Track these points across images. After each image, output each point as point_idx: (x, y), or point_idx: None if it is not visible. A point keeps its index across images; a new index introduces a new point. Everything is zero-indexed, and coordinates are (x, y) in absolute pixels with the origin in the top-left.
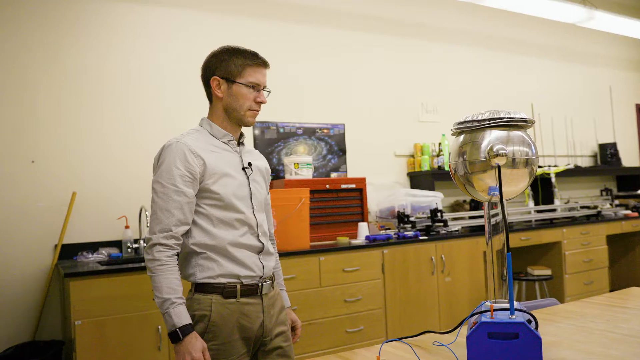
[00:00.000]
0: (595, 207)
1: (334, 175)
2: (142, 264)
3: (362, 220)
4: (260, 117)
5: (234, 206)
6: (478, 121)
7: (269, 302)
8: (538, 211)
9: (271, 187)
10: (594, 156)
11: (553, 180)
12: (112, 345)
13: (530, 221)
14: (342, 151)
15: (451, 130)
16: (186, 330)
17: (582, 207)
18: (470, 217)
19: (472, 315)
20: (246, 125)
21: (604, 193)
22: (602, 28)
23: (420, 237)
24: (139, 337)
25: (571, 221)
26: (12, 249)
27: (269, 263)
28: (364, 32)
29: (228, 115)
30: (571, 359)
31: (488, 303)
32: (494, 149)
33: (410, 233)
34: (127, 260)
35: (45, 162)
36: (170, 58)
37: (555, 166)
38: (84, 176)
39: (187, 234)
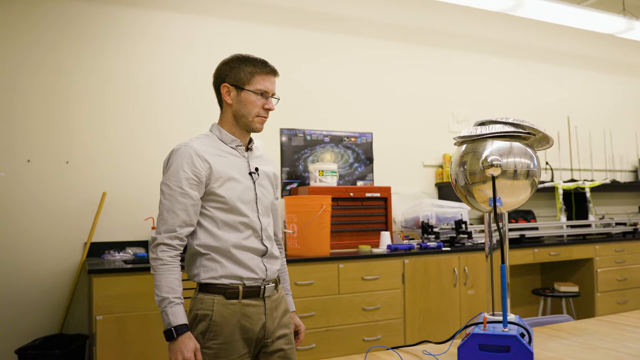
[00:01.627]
0: (633, 224)
1: (360, 183)
2: None
3: (386, 230)
4: (287, 124)
5: (239, 209)
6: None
7: (272, 304)
8: (570, 226)
9: (295, 193)
10: (635, 171)
11: (588, 195)
12: (131, 341)
13: (562, 236)
14: (369, 160)
15: (454, 140)
16: (180, 329)
17: (618, 224)
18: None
19: (467, 326)
20: (254, 131)
21: None
22: None
23: (443, 248)
24: (158, 334)
25: (605, 237)
26: (44, 245)
27: (273, 266)
28: (396, 41)
29: (237, 121)
30: None
31: (484, 315)
32: (489, 160)
33: (433, 244)
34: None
35: (78, 163)
36: (196, 62)
37: (591, 180)
38: (114, 177)
39: (192, 235)
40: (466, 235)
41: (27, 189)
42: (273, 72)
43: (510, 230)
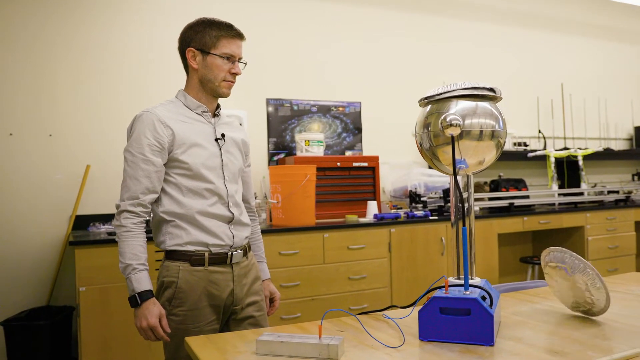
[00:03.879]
0: (627, 193)
1: (348, 153)
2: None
3: (374, 199)
4: (274, 94)
5: (203, 176)
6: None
7: (241, 271)
8: (562, 194)
9: (282, 164)
10: (630, 139)
11: (580, 163)
12: (115, 312)
13: (553, 205)
14: (358, 130)
15: (419, 101)
16: (144, 295)
17: (610, 192)
18: (490, 199)
19: (429, 290)
20: (221, 96)
21: (635, 178)
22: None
23: (431, 217)
24: None
25: (597, 206)
26: (29, 219)
27: (241, 233)
28: (383, 8)
29: (203, 87)
30: (527, 338)
31: (447, 278)
32: (447, 120)
33: (420, 213)
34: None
35: (62, 136)
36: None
37: (585, 149)
38: (98, 150)
39: (157, 202)
40: None
41: (11, 163)
42: (239, 35)
43: (499, 198)
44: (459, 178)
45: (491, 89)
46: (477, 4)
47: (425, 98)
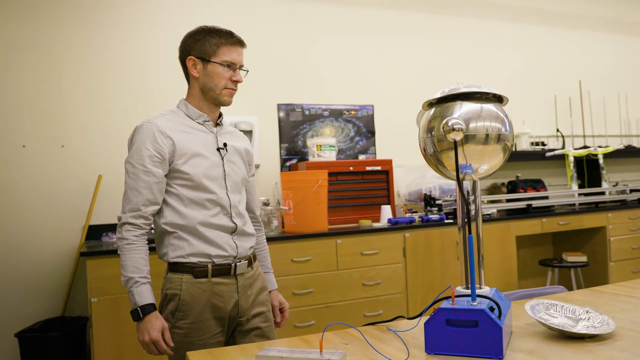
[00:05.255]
0: None
1: (362, 157)
2: None
3: (388, 204)
4: (285, 99)
5: (205, 186)
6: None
7: (246, 282)
8: (582, 194)
9: (295, 169)
10: None
11: (601, 161)
12: (127, 322)
13: (573, 205)
14: (371, 133)
15: (422, 105)
16: (147, 309)
17: (633, 190)
18: (508, 200)
19: (436, 301)
20: (223, 104)
21: None
22: None
23: (446, 221)
24: None
25: (619, 205)
26: (43, 229)
27: (245, 243)
28: (395, 9)
29: (204, 95)
30: (540, 350)
31: (454, 288)
32: (449, 124)
33: (435, 216)
34: (149, 241)
35: (74, 146)
36: None
37: (605, 147)
38: (109, 159)
39: (159, 213)
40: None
41: (24, 174)
42: (240, 43)
43: (517, 200)
44: (466, 183)
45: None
46: (490, 2)
47: (428, 101)
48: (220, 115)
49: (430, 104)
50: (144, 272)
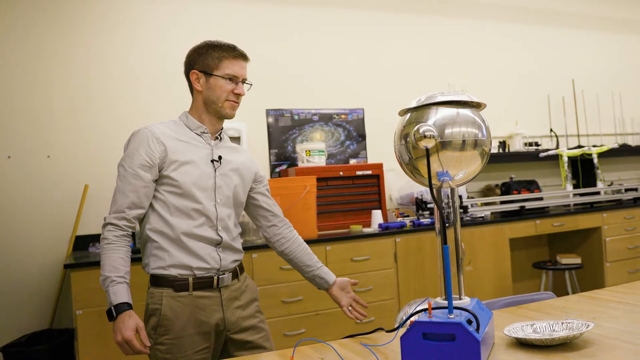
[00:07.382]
0: None
1: (353, 161)
2: None
3: (379, 208)
4: (273, 104)
5: (193, 195)
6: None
7: (231, 294)
8: (577, 194)
9: (285, 175)
10: None
11: (595, 161)
12: (112, 334)
13: (568, 206)
14: (362, 137)
15: (399, 112)
16: (120, 308)
17: (628, 190)
18: (502, 202)
19: (413, 314)
20: (225, 117)
21: None
22: None
23: None
24: None
25: (614, 205)
26: (30, 240)
27: (229, 256)
28: (385, 11)
29: (207, 108)
30: None
31: (429, 301)
32: (420, 131)
33: (427, 220)
34: (136, 251)
35: (60, 156)
36: (179, 47)
37: (600, 146)
38: (96, 169)
39: (145, 219)
40: (461, 210)
41: (10, 185)
42: (242, 56)
43: (510, 202)
44: (436, 192)
45: (472, 101)
46: (481, 2)
47: (405, 108)
48: (222, 130)
49: (407, 110)
50: (121, 271)
